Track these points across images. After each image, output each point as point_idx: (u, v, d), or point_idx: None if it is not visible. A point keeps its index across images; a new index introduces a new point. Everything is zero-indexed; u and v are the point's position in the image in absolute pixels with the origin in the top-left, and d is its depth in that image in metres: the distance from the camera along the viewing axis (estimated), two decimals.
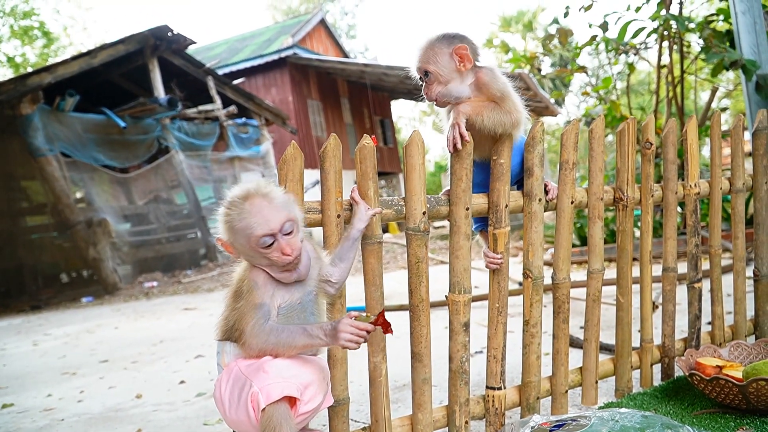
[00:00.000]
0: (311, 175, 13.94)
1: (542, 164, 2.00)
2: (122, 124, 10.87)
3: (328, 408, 1.77)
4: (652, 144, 2.33)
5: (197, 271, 11.57)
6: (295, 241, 1.46)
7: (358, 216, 1.67)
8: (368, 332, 1.42)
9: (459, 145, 1.82)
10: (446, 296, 1.98)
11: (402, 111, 44.24)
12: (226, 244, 1.48)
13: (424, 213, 1.81)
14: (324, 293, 1.63)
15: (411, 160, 1.78)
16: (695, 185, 2.52)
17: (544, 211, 2.09)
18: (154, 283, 10.38)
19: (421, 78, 1.95)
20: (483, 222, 2.12)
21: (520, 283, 5.41)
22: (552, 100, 16.37)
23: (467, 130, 1.83)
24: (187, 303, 7.64)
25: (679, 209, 5.66)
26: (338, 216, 1.69)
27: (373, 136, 1.67)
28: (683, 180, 2.55)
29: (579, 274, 5.66)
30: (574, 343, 3.15)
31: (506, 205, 1.95)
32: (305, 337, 1.42)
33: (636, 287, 3.33)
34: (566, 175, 2.09)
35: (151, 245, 11.88)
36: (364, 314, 1.47)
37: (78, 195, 11.71)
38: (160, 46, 11.71)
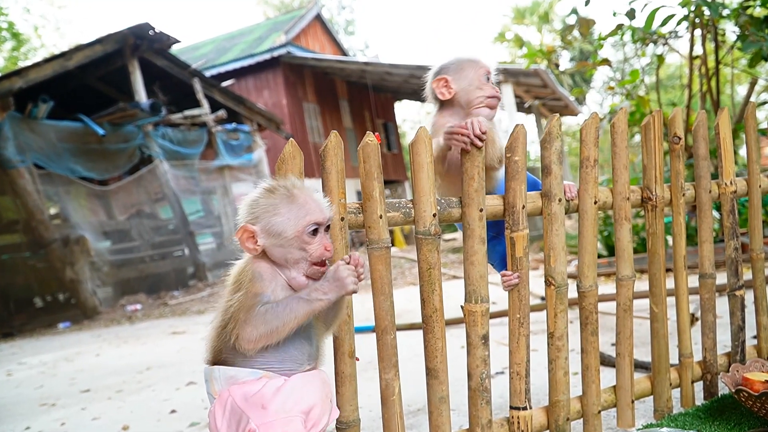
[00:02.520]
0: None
1: (561, 161, 2.04)
2: (101, 131, 10.94)
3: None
4: (680, 138, 2.36)
5: (185, 291, 11.61)
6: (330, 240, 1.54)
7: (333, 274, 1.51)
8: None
9: (478, 143, 1.86)
10: (462, 306, 2.00)
11: (407, 113, 44.35)
12: (254, 231, 1.48)
13: (434, 215, 1.84)
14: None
15: (418, 159, 1.81)
16: (731, 183, 2.54)
17: (566, 213, 2.12)
18: (138, 306, 10.41)
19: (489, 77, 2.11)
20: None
21: (542, 298, 5.43)
22: (572, 98, 16.42)
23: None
24: (174, 326, 7.66)
25: (715, 215, 5.68)
26: (342, 219, 1.73)
27: (376, 133, 1.71)
28: (717, 179, 2.57)
29: (607, 287, 5.66)
30: (606, 361, 3.16)
31: (523, 206, 1.99)
32: (305, 303, 1.42)
33: (671, 299, 3.34)
34: (587, 173, 2.13)
35: (134, 264, 11.92)
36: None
37: (53, 210, 11.77)
38: (141, 46, 11.82)
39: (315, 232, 1.49)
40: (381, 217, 1.75)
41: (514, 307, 2.07)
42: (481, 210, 1.90)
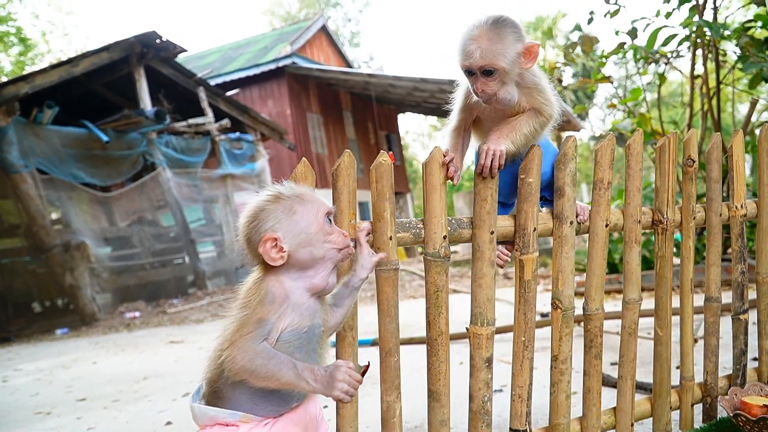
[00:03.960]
0: None
1: (574, 183, 2.00)
2: (105, 138, 10.93)
3: None
4: (694, 161, 2.33)
5: (184, 300, 11.55)
6: None
7: (360, 263, 1.63)
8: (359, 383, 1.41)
9: (487, 174, 1.82)
10: (467, 328, 1.97)
11: (409, 125, 44.49)
12: (278, 238, 1.44)
13: (444, 237, 1.80)
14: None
15: (432, 179, 1.77)
16: (741, 206, 2.51)
17: (576, 234, 2.08)
18: (137, 314, 10.35)
19: (472, 72, 1.85)
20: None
21: (543, 315, 5.38)
22: (574, 114, 16.44)
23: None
24: (172, 335, 7.61)
25: None
26: (351, 240, 1.68)
27: (390, 152, 1.67)
28: (727, 202, 2.54)
29: (608, 305, 5.62)
30: (606, 381, 3.12)
31: (534, 229, 1.95)
32: (292, 373, 1.37)
33: (675, 319, 3.31)
34: (600, 195, 2.09)
35: (134, 271, 11.88)
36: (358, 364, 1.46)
37: (54, 216, 11.74)
38: (148, 54, 11.84)
39: (330, 222, 1.50)
40: (391, 238, 1.71)
41: (520, 330, 2.03)
42: (492, 232, 1.86)
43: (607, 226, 2.12)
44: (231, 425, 1.42)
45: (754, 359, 3.03)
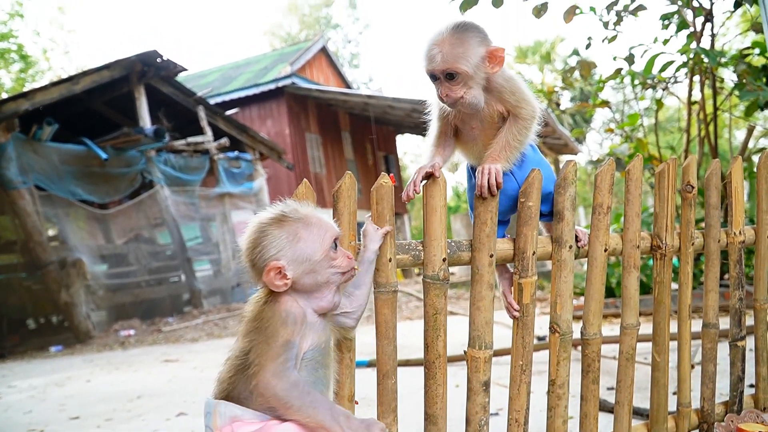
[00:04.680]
0: None
1: (574, 208, 2.00)
2: (103, 155, 10.94)
3: None
4: (693, 187, 2.34)
5: (180, 318, 11.49)
6: None
7: (369, 236, 1.67)
8: None
9: (487, 195, 1.83)
10: (465, 351, 1.96)
11: (407, 146, 44.63)
12: (281, 267, 1.43)
13: (444, 260, 1.80)
14: (340, 329, 1.62)
15: (432, 202, 1.78)
16: (740, 233, 2.52)
17: (574, 258, 2.09)
18: (131, 332, 10.29)
19: (435, 76, 1.87)
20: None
21: (539, 338, 5.36)
22: (572, 138, 16.52)
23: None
24: (167, 354, 7.55)
25: None
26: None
27: (391, 174, 1.68)
28: (726, 228, 2.55)
29: (604, 328, 5.58)
30: (603, 407, 3.10)
31: (534, 252, 1.95)
32: (328, 415, 1.35)
33: (672, 344, 3.30)
34: (600, 220, 2.09)
35: (130, 289, 11.82)
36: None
37: (51, 232, 11.71)
38: (148, 73, 11.90)
39: (335, 246, 1.50)
40: (390, 260, 1.71)
41: (517, 354, 2.02)
42: (491, 255, 1.86)
43: (606, 251, 2.12)
44: (255, 423, 1.39)
45: (751, 386, 3.02)
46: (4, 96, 21.60)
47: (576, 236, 2.07)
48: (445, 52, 1.80)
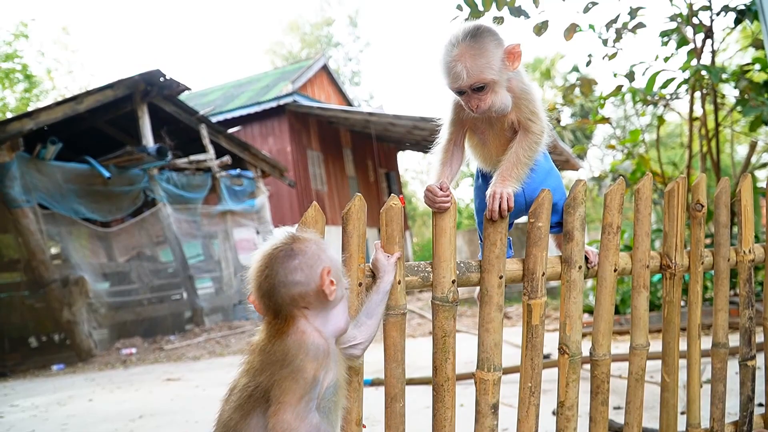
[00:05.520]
0: None
1: (583, 228, 1.98)
2: (106, 174, 10.95)
3: None
4: (703, 206, 2.31)
5: (181, 336, 11.42)
6: None
7: (382, 267, 1.65)
8: None
9: (497, 218, 1.81)
10: (473, 373, 1.93)
11: (409, 163, 44.69)
12: (330, 271, 1.40)
13: (453, 281, 1.77)
14: (347, 359, 1.57)
15: (441, 223, 1.75)
16: (749, 251, 2.49)
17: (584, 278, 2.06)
18: (133, 350, 10.22)
19: (463, 91, 1.83)
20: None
21: (545, 356, 5.31)
22: (573, 154, 16.53)
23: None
24: (169, 373, 7.49)
25: None
26: (360, 284, 1.66)
27: (401, 196, 1.65)
28: (735, 246, 2.53)
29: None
30: (611, 427, 3.05)
31: (543, 273, 1.92)
32: None
33: (681, 362, 3.27)
34: (609, 239, 2.07)
35: (132, 307, 11.77)
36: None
37: (54, 250, 11.68)
38: (151, 92, 11.93)
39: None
40: (399, 282, 1.68)
41: (526, 376, 1.99)
42: (501, 277, 1.83)
43: (615, 270, 2.09)
44: None
45: (760, 405, 2.98)
46: (9, 116, 21.70)
47: (586, 257, 2.05)
48: (469, 66, 1.77)
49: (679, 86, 5.94)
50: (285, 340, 1.34)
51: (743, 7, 5.46)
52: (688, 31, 5.83)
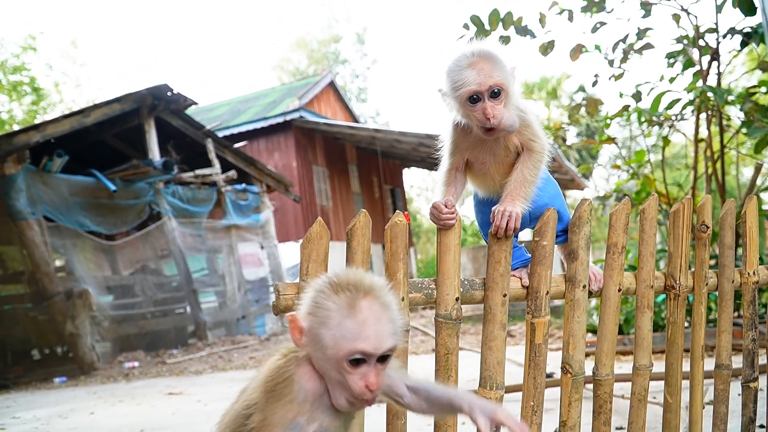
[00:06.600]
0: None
1: (588, 247, 1.99)
2: (112, 187, 11.00)
3: None
4: (708, 227, 2.33)
5: (184, 350, 11.41)
6: (384, 374, 1.29)
7: (479, 416, 1.39)
8: None
9: (502, 235, 1.82)
10: (476, 391, 1.93)
11: (414, 179, 44.80)
12: (301, 328, 1.30)
13: (457, 299, 1.78)
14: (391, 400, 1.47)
15: (446, 240, 1.77)
16: (754, 273, 2.49)
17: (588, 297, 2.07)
18: (136, 363, 10.21)
19: (477, 98, 1.80)
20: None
21: (548, 375, 5.29)
22: (579, 173, 16.55)
23: None
24: (171, 387, 7.48)
25: None
26: None
27: (405, 212, 1.67)
28: (739, 268, 2.53)
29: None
30: None
31: (547, 292, 1.93)
32: None
33: (684, 383, 3.26)
34: (614, 259, 2.08)
35: (135, 320, 11.77)
36: None
37: (58, 263, 11.71)
38: (159, 106, 12.02)
39: (358, 362, 1.24)
40: (403, 299, 1.69)
41: (529, 395, 1.99)
42: (504, 295, 1.84)
43: (620, 290, 2.10)
44: None
45: (761, 426, 2.96)
46: (16, 128, 21.84)
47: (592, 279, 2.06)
48: (487, 69, 1.79)
49: (684, 107, 5.96)
50: (287, 368, 1.31)
51: (749, 30, 5.49)
52: (695, 53, 5.87)
